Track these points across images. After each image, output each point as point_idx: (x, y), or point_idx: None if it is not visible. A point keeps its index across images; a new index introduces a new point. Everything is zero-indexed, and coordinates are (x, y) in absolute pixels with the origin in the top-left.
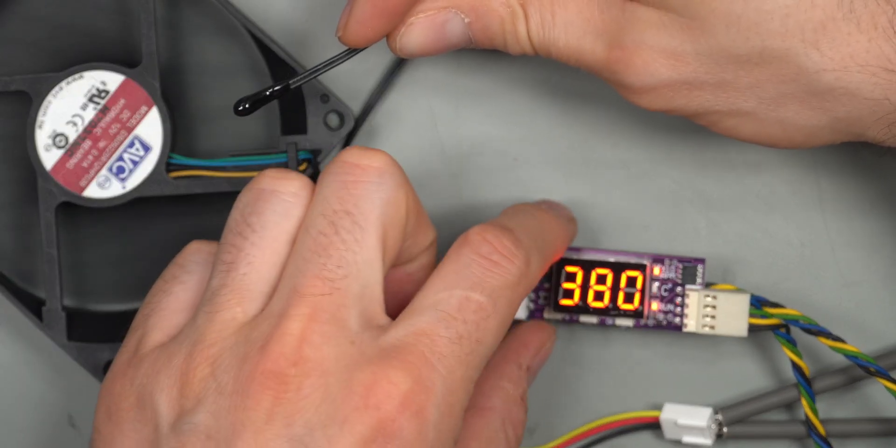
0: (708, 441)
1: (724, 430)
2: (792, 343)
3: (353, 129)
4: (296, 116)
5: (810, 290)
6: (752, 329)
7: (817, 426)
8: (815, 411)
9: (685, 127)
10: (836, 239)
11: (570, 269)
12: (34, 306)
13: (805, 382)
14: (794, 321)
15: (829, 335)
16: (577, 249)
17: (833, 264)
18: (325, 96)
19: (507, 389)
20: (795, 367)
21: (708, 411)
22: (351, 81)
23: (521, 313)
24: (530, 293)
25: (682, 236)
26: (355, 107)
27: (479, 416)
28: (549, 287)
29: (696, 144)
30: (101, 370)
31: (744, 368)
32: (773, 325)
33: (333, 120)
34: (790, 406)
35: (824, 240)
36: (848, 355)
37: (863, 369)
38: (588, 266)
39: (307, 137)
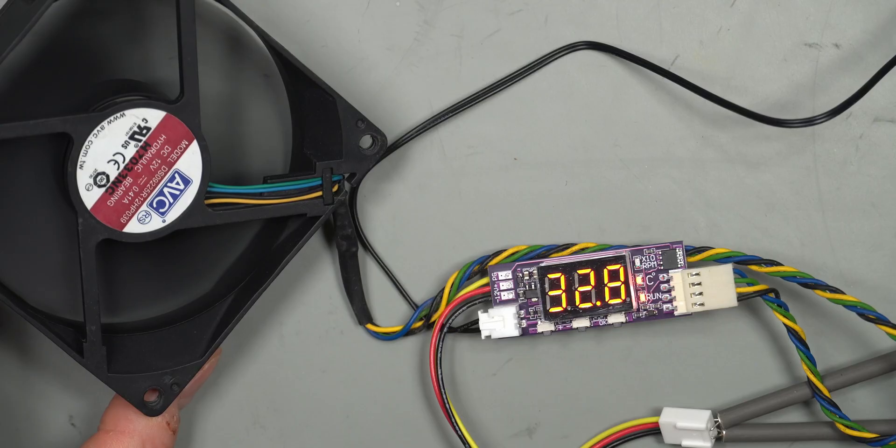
0: (707, 444)
1: (724, 432)
2: (783, 307)
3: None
4: (327, 138)
5: (810, 290)
6: (741, 298)
7: (821, 389)
8: (816, 374)
9: (685, 127)
10: (836, 239)
11: (552, 275)
12: (72, 340)
13: (802, 345)
14: (791, 277)
15: (826, 287)
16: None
17: (833, 264)
18: (361, 121)
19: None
20: (790, 331)
21: (707, 414)
22: (352, 83)
23: (514, 331)
24: (519, 311)
25: (682, 236)
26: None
27: (117, 440)
28: (536, 301)
29: (696, 144)
30: (141, 399)
31: (743, 366)
32: (760, 291)
33: (367, 142)
34: (790, 409)
35: (824, 240)
36: (847, 305)
37: (862, 317)
38: (569, 269)
39: (342, 162)
